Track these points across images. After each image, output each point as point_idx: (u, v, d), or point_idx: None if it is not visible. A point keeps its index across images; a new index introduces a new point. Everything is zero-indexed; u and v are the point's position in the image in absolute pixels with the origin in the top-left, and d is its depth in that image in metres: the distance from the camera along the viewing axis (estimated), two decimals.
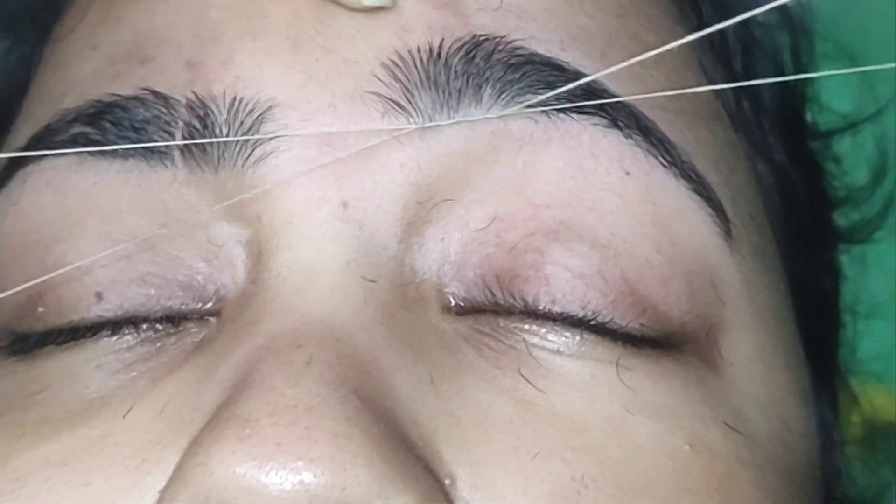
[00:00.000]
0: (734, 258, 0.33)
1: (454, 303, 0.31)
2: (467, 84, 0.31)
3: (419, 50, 0.31)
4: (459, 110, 0.31)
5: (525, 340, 0.30)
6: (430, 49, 0.31)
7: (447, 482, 0.28)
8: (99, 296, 0.31)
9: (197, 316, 0.31)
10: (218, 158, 0.31)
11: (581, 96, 0.31)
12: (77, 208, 0.32)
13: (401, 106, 0.31)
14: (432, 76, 0.31)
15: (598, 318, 0.30)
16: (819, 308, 0.41)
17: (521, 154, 0.31)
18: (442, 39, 0.31)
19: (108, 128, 0.32)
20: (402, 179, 0.31)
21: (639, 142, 0.31)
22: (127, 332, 0.31)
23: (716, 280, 0.32)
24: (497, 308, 0.30)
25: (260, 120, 0.31)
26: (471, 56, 0.31)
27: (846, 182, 0.44)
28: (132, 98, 0.32)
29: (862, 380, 0.46)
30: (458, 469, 0.28)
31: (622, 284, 0.31)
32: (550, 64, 0.31)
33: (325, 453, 0.26)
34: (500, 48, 0.31)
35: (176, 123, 0.31)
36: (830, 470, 0.38)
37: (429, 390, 0.29)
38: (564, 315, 0.30)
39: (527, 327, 0.30)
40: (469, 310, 0.31)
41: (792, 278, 0.36)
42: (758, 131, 0.37)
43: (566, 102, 0.31)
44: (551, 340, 0.30)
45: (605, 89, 0.31)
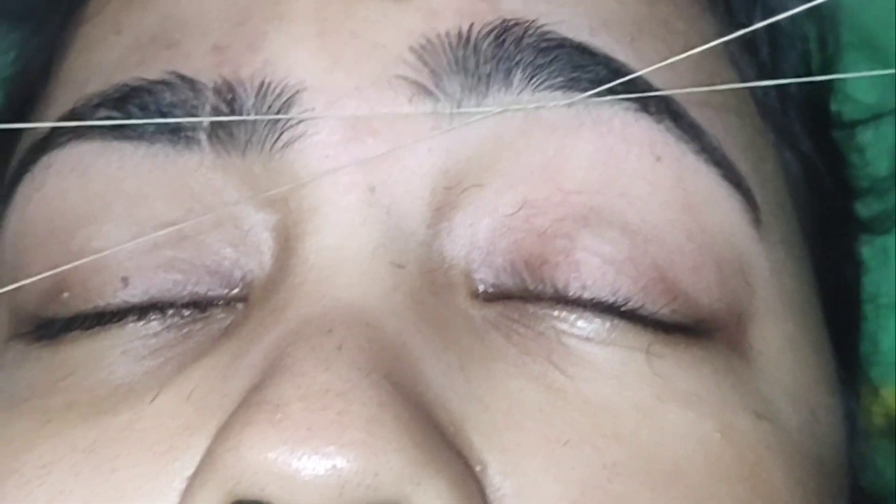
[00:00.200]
0: (763, 246, 0.32)
1: (483, 289, 0.30)
2: (497, 68, 0.30)
3: (448, 34, 0.31)
4: (489, 95, 0.30)
5: (554, 327, 0.30)
6: (460, 33, 0.31)
7: (478, 468, 0.28)
8: (125, 281, 0.31)
9: (224, 301, 0.31)
10: (245, 143, 0.31)
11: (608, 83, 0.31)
12: (102, 193, 0.32)
13: (428, 90, 0.30)
14: (461, 61, 0.31)
15: (629, 305, 0.30)
16: (842, 299, 0.40)
17: (553, 139, 0.31)
18: (472, 24, 0.31)
19: (134, 112, 0.31)
20: (431, 164, 0.30)
21: (670, 127, 0.31)
22: (153, 318, 0.31)
23: (745, 267, 0.32)
24: (526, 294, 0.30)
25: (288, 104, 0.30)
26: (500, 40, 0.31)
27: (869, 172, 0.44)
28: (158, 82, 0.31)
29: (883, 371, 0.46)
30: (489, 456, 0.28)
31: (653, 271, 0.30)
32: (580, 49, 0.31)
33: (358, 438, 0.26)
34: (530, 33, 0.31)
35: (203, 107, 0.31)
36: (856, 460, 0.38)
37: (459, 376, 0.29)
38: (595, 301, 0.30)
39: (556, 314, 0.30)
40: (498, 296, 0.30)
41: (817, 268, 0.36)
42: (784, 121, 0.37)
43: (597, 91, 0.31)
44: (581, 327, 0.30)
45: (637, 76, 0.31)
